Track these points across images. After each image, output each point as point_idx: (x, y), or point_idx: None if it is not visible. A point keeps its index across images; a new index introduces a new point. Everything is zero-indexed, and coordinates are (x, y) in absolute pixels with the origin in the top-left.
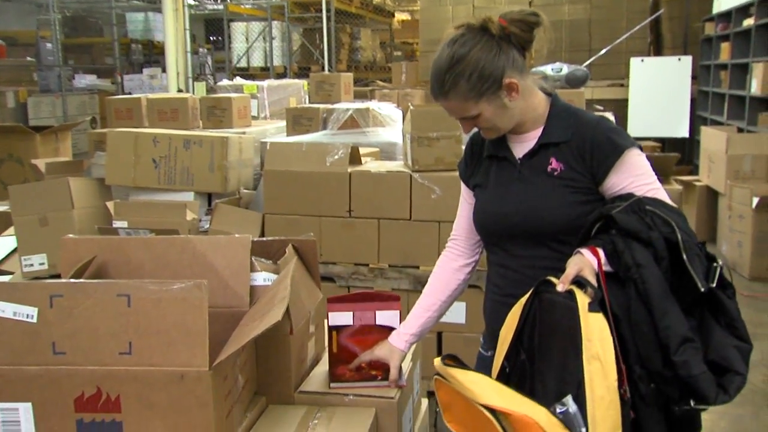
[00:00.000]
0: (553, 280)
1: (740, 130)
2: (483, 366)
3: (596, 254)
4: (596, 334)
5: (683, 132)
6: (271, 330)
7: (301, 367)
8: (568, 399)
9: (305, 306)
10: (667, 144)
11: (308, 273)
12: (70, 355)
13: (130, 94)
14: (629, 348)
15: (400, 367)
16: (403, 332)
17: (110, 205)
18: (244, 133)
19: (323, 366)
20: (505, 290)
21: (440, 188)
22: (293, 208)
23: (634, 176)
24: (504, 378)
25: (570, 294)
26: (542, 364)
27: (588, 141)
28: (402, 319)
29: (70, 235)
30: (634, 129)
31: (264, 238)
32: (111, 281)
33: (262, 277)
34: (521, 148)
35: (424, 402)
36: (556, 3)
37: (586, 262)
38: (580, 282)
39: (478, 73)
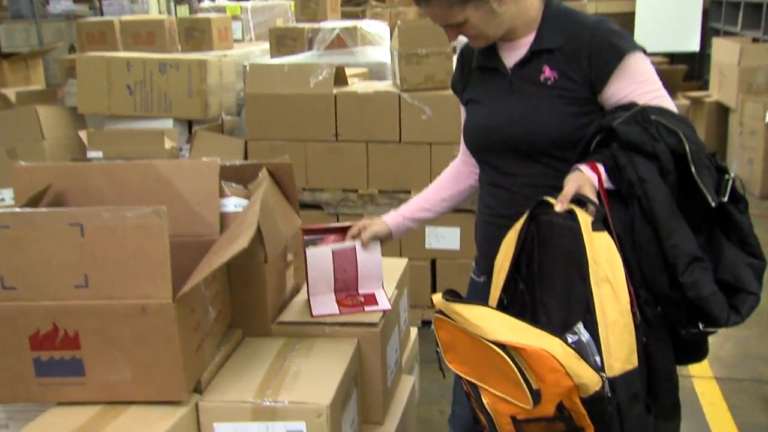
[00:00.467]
0: (550, 200)
1: (755, 41)
2: (475, 292)
3: (596, 170)
4: (603, 255)
5: (693, 45)
6: (243, 259)
7: (279, 298)
8: (580, 327)
9: (281, 233)
10: (676, 59)
11: (285, 198)
12: (21, 290)
13: None
14: (634, 271)
15: (385, 293)
16: (393, 212)
17: (83, 134)
18: (224, 55)
19: (304, 295)
20: (497, 211)
21: (431, 108)
22: (277, 133)
23: (637, 83)
24: (502, 310)
25: (570, 214)
26: (544, 294)
27: (585, 45)
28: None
29: (22, 163)
30: (641, 43)
31: (236, 162)
32: (61, 209)
33: (233, 203)
34: (512, 56)
35: (413, 331)
36: None
37: (586, 178)
38: (580, 200)
39: None
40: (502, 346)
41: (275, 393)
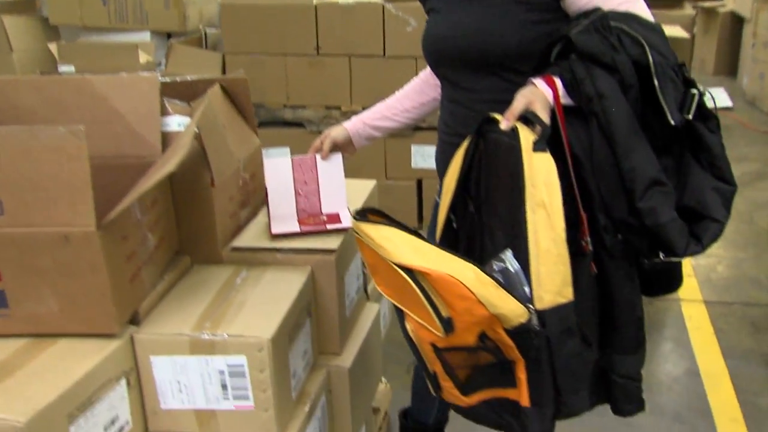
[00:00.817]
0: (497, 117)
1: None
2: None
3: (552, 84)
4: (541, 178)
5: None
6: (188, 183)
7: (232, 222)
8: (507, 254)
9: (233, 154)
10: None
11: (241, 116)
12: None
13: None
14: (593, 194)
15: (349, 212)
16: (354, 118)
17: (53, 47)
18: None
19: (262, 218)
20: (454, 129)
21: (416, 19)
22: (256, 47)
23: None
24: (452, 233)
25: (514, 132)
26: (490, 217)
27: None
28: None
29: None
30: None
31: (187, 78)
32: None
33: (176, 122)
34: None
35: None
36: None
37: (538, 93)
38: (528, 118)
39: None
40: (408, 270)
41: (215, 326)
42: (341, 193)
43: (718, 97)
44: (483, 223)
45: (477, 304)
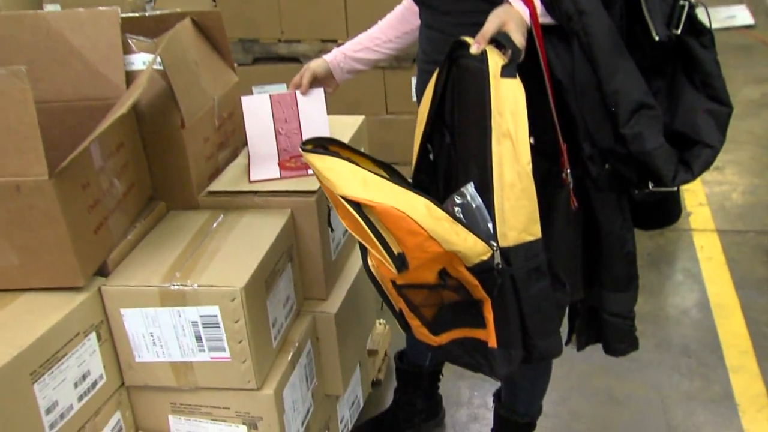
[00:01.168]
0: (468, 40)
1: None
2: None
3: (528, 2)
4: (508, 106)
5: None
6: (157, 125)
7: (208, 165)
8: (469, 189)
9: (206, 92)
10: None
11: (216, 52)
12: None
13: None
14: (577, 121)
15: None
16: (335, 50)
17: None
18: None
19: (243, 160)
20: (432, 56)
21: None
22: None
23: None
24: (430, 166)
25: (483, 56)
26: (463, 148)
27: None
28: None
29: None
30: None
31: (156, 12)
32: None
33: (141, 60)
34: None
35: None
36: None
37: (513, 13)
38: (500, 41)
39: None
40: (354, 203)
41: (185, 275)
42: (324, 130)
43: (739, 15)
44: (458, 154)
45: (429, 240)
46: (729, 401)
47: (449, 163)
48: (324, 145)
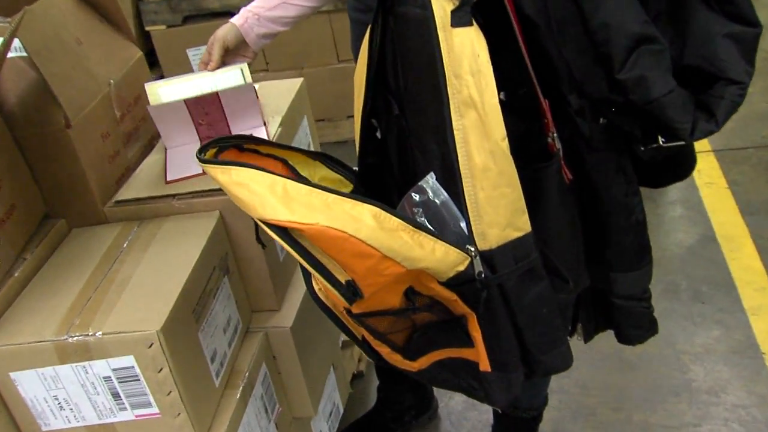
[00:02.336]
0: None
1: None
2: None
3: None
4: (466, 65)
5: None
6: (36, 127)
7: (113, 167)
8: (429, 181)
9: (98, 76)
10: None
11: (109, 24)
12: None
13: None
14: (558, 68)
15: (267, 131)
16: (244, 11)
17: None
18: None
19: (160, 154)
20: (364, 2)
21: None
22: None
23: None
24: (378, 145)
25: (427, 1)
26: (416, 121)
27: None
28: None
29: None
30: None
31: None
32: None
33: None
34: None
35: None
36: None
37: None
38: None
39: None
40: (277, 228)
41: (87, 321)
42: (254, 108)
43: None
44: (410, 130)
45: (385, 261)
46: (753, 350)
47: (402, 140)
48: (239, 146)
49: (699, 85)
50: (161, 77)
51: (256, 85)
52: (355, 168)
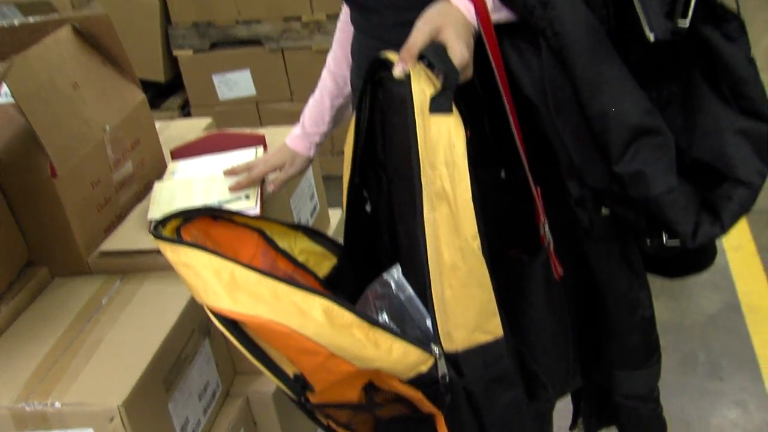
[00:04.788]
0: (391, 56)
1: None
2: None
3: None
4: (441, 155)
5: None
6: (21, 175)
7: (103, 215)
8: (394, 274)
9: (92, 122)
10: None
11: (111, 65)
12: None
13: None
14: (558, 152)
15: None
16: (310, 130)
17: None
18: None
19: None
20: (363, 70)
21: None
22: None
23: None
24: (366, 219)
25: (408, 82)
26: (399, 194)
27: None
28: None
29: None
30: None
31: (30, 20)
32: None
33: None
34: None
35: (334, 218)
36: None
37: (451, 14)
38: (430, 58)
39: None
40: (220, 317)
41: (48, 389)
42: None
43: None
44: (397, 204)
45: (332, 359)
46: None
47: (390, 214)
48: (214, 215)
49: (707, 182)
50: (186, 101)
51: (264, 130)
52: (340, 240)
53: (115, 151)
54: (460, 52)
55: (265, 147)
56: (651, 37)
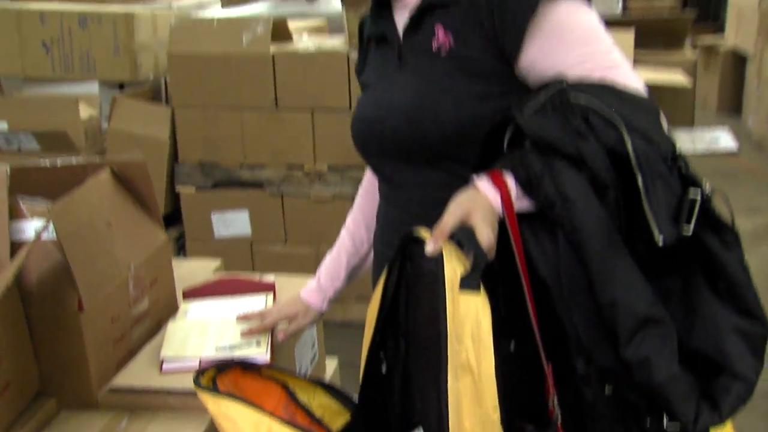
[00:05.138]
0: (424, 233)
1: None
2: None
3: (500, 184)
4: (468, 330)
5: None
6: (50, 306)
7: (116, 350)
8: None
9: (119, 261)
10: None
11: (140, 206)
12: None
13: None
14: (568, 332)
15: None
16: (324, 285)
17: None
18: (169, 6)
19: (161, 340)
20: (388, 237)
21: None
22: (209, 101)
23: (567, 45)
24: (382, 380)
25: (440, 260)
26: (418, 363)
27: None
28: None
29: None
30: None
31: (72, 161)
32: None
33: (33, 228)
34: (403, 17)
35: (331, 366)
36: None
37: (479, 200)
38: (462, 239)
39: None
40: None
41: None
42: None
43: (721, 138)
44: (414, 372)
45: None
46: None
47: (407, 379)
48: (244, 366)
49: (706, 372)
50: (182, 234)
51: (272, 276)
52: (355, 397)
53: (135, 289)
54: (487, 236)
55: (274, 295)
56: (660, 240)
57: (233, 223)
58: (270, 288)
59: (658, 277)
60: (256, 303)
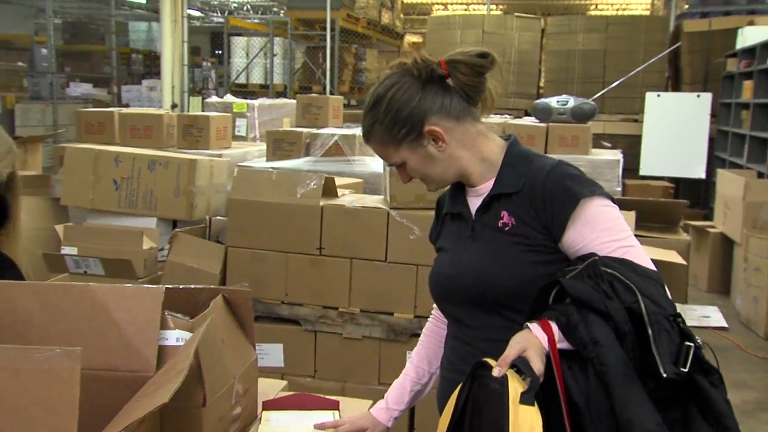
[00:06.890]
0: (491, 362)
1: (760, 175)
2: None
3: (547, 329)
4: None
5: (700, 173)
6: (179, 401)
7: None
8: None
9: (228, 370)
10: (682, 185)
11: (240, 328)
12: None
13: (127, 105)
14: None
15: None
16: (391, 406)
17: (59, 228)
18: (220, 155)
19: None
20: (456, 365)
21: (419, 228)
22: (259, 242)
23: (598, 231)
24: None
25: (504, 380)
26: None
27: (539, 189)
28: None
29: None
30: (647, 167)
31: (191, 286)
32: None
33: (175, 336)
34: (475, 201)
35: None
36: (569, 31)
37: (532, 339)
38: (520, 368)
39: (392, 117)
40: None
41: None
42: None
43: (712, 317)
44: None
45: None
46: None
47: None
48: None
49: None
50: None
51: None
52: None
53: (235, 395)
54: (538, 366)
55: (339, 411)
56: (664, 374)
57: (268, 354)
58: (335, 405)
59: (663, 409)
60: (325, 417)
